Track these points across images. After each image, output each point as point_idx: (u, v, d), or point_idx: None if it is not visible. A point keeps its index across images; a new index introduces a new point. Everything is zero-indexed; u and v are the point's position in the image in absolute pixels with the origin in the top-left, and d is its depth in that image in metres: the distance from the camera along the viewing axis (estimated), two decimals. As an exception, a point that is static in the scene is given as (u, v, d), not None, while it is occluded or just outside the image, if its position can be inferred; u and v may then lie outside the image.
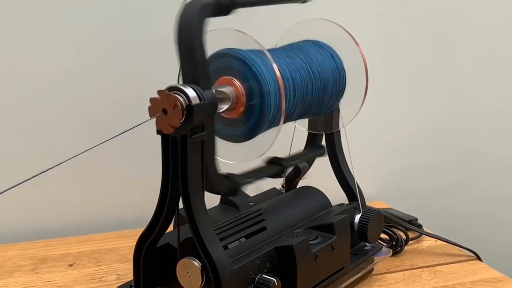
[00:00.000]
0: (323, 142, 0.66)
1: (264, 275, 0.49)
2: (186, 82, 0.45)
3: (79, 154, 0.40)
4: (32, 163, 0.77)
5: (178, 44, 0.45)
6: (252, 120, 0.51)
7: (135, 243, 0.51)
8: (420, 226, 0.82)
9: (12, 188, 0.36)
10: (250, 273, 0.49)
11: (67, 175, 0.79)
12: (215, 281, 0.46)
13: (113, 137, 0.42)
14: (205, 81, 0.45)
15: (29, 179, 0.37)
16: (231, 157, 0.54)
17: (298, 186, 0.68)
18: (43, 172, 0.38)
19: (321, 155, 0.65)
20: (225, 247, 0.49)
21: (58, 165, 0.39)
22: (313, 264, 0.53)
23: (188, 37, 0.45)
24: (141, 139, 0.74)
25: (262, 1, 0.55)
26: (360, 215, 0.62)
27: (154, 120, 0.44)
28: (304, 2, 0.59)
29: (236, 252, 0.50)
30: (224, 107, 0.49)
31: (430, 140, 1.01)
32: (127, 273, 0.67)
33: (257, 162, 0.55)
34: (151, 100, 0.44)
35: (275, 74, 0.50)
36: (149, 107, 0.44)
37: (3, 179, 0.76)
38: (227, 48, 0.51)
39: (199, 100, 0.44)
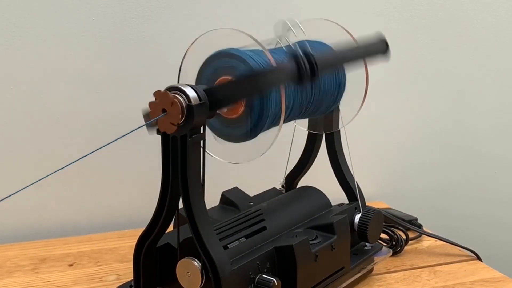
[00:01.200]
0: (323, 142, 0.66)
1: (264, 275, 0.49)
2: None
3: (83, 157, 0.40)
4: (32, 163, 0.77)
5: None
6: (252, 120, 0.51)
7: (135, 243, 0.51)
8: (420, 226, 0.82)
9: (17, 192, 0.35)
10: (250, 273, 0.49)
11: (67, 175, 0.79)
12: (215, 281, 0.46)
13: (116, 140, 0.42)
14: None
15: (36, 181, 0.37)
16: (232, 157, 0.54)
17: (298, 186, 0.68)
18: (49, 175, 0.38)
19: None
20: (225, 247, 0.49)
21: (62, 168, 0.39)
22: (313, 264, 0.53)
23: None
24: (141, 139, 0.74)
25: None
26: (360, 215, 0.62)
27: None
28: (384, 54, 0.56)
29: (236, 252, 0.50)
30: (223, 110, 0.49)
31: (430, 140, 1.01)
32: (127, 273, 0.67)
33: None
34: (150, 104, 0.44)
35: (275, 74, 0.50)
36: (150, 112, 0.44)
37: (3, 179, 0.76)
38: (227, 48, 0.51)
39: (199, 100, 0.44)
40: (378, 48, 0.55)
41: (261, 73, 0.46)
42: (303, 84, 0.52)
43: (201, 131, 0.46)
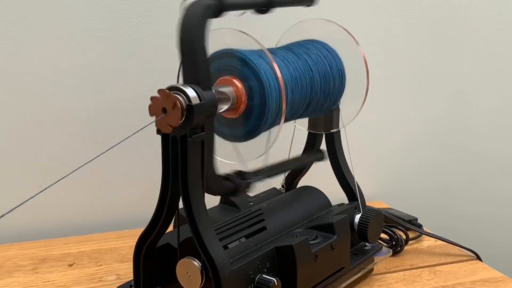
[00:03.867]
0: (323, 142, 0.66)
1: (264, 275, 0.49)
2: (187, 82, 0.45)
3: (88, 162, 0.41)
4: (32, 163, 0.77)
5: (180, 45, 0.45)
6: (253, 120, 0.51)
7: (135, 243, 0.51)
8: (420, 226, 0.82)
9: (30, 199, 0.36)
10: (250, 273, 0.49)
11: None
12: (215, 281, 0.46)
13: (118, 143, 0.42)
14: (206, 82, 0.45)
15: (46, 188, 0.37)
16: (232, 157, 0.54)
17: (298, 186, 0.68)
18: (58, 181, 0.38)
19: (320, 159, 0.65)
20: (225, 247, 0.49)
21: (70, 174, 0.39)
22: (313, 264, 0.53)
23: (190, 38, 0.45)
24: (141, 139, 0.74)
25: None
26: (360, 215, 0.62)
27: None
28: (309, 6, 0.59)
29: (236, 252, 0.50)
30: (224, 107, 0.49)
31: (430, 140, 1.01)
32: (127, 273, 0.67)
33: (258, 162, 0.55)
34: (152, 98, 0.44)
35: (275, 73, 0.50)
36: (149, 106, 0.44)
37: (3, 179, 0.76)
38: (227, 48, 0.51)
39: (199, 100, 0.44)
40: None
41: None
42: None
43: (203, 131, 0.46)
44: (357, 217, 0.62)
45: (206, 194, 0.48)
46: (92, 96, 0.78)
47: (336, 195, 0.65)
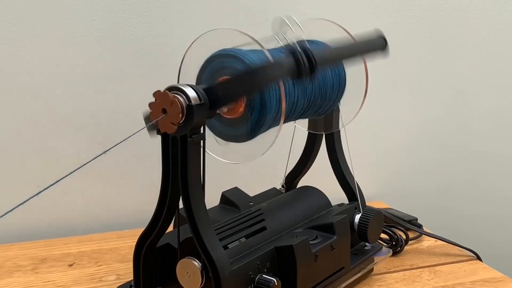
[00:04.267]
0: (323, 142, 0.66)
1: (264, 275, 0.49)
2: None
3: (88, 162, 0.41)
4: (33, 163, 0.77)
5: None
6: (253, 120, 0.51)
7: (135, 243, 0.51)
8: (420, 226, 0.82)
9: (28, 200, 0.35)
10: (250, 273, 0.49)
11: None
12: (215, 281, 0.46)
13: (118, 144, 0.42)
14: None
15: (46, 189, 0.37)
16: (232, 157, 0.54)
17: (298, 186, 0.68)
18: (59, 180, 0.38)
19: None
20: (225, 247, 0.49)
21: (69, 174, 0.39)
22: (313, 264, 0.53)
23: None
24: (141, 139, 0.74)
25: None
26: (360, 215, 0.62)
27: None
28: (383, 50, 0.56)
29: (236, 252, 0.50)
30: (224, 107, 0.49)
31: (430, 140, 1.01)
32: (127, 273, 0.67)
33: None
34: (150, 105, 0.44)
35: (275, 74, 0.50)
36: (150, 113, 0.44)
37: (3, 179, 0.76)
38: (227, 48, 0.51)
39: (199, 100, 0.44)
40: (377, 44, 0.55)
41: (259, 69, 0.46)
42: (302, 79, 0.52)
43: (201, 131, 0.46)
44: (357, 217, 0.62)
45: (206, 194, 0.48)
46: (92, 96, 0.78)
47: (336, 195, 0.65)
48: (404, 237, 0.77)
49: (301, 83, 0.55)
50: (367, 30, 0.55)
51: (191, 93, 0.44)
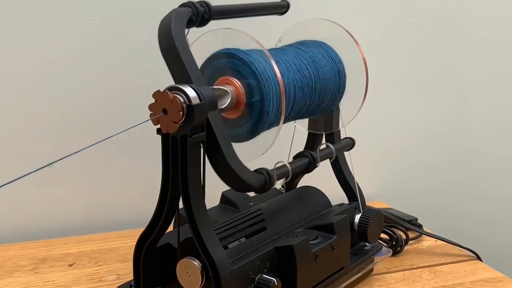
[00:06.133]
0: (323, 142, 0.66)
1: (264, 275, 0.49)
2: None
3: (76, 152, 0.40)
4: (32, 163, 0.77)
5: (164, 55, 0.46)
6: (253, 120, 0.51)
7: (135, 243, 0.51)
8: (420, 226, 0.82)
9: (8, 184, 0.35)
10: (250, 273, 0.49)
11: (67, 175, 0.79)
12: (215, 281, 0.46)
13: (112, 136, 0.42)
14: (199, 81, 0.46)
15: (24, 175, 0.37)
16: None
17: (298, 186, 0.68)
18: (39, 168, 0.38)
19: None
20: (225, 247, 0.49)
21: (52, 163, 0.39)
22: (313, 264, 0.53)
23: (171, 45, 0.47)
24: (141, 139, 0.74)
25: (239, 12, 0.55)
26: (360, 215, 0.62)
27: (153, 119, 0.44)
28: (282, 14, 0.59)
29: (236, 252, 0.50)
30: (224, 106, 0.49)
31: (430, 140, 1.01)
32: (127, 273, 0.67)
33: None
34: (150, 106, 0.44)
35: (275, 73, 0.50)
36: (151, 115, 0.44)
37: (2, 179, 0.76)
38: (226, 48, 0.51)
39: (199, 99, 0.44)
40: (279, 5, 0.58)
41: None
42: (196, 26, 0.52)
43: (203, 131, 0.46)
44: (357, 217, 0.62)
45: (206, 194, 0.48)
46: (92, 96, 0.78)
47: (336, 195, 0.65)
48: (404, 237, 0.77)
49: (301, 83, 0.55)
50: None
51: (191, 93, 0.44)
